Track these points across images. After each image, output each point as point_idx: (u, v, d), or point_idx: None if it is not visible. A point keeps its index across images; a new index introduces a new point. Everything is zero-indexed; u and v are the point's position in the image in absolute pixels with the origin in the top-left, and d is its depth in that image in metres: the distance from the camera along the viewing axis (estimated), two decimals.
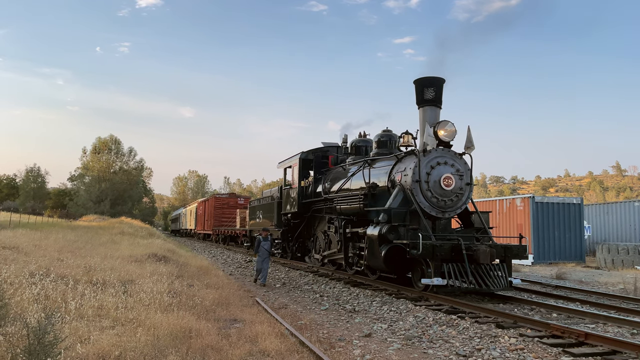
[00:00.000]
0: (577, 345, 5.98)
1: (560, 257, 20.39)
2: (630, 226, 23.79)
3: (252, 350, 5.51)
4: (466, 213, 10.95)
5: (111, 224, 32.03)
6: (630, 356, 5.48)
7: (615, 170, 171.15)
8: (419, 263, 9.52)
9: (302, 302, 9.59)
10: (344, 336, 6.64)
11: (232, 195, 38.89)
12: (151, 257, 12.74)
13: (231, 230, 29.86)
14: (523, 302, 9.13)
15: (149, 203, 78.44)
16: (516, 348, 5.83)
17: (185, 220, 51.16)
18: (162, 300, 7.18)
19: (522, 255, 9.77)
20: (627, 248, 18.55)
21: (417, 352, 5.91)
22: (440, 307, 8.42)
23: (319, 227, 15.03)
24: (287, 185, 17.02)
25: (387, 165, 11.55)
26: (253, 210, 22.36)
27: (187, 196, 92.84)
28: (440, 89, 10.60)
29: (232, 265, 17.76)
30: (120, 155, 64.26)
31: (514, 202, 21.57)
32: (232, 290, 9.84)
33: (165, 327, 5.75)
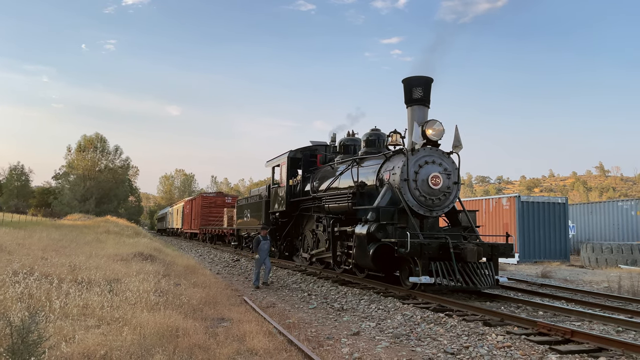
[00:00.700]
0: (563, 342, 6.03)
1: (546, 256, 20.60)
2: (614, 225, 24.13)
3: (240, 349, 5.47)
4: (453, 212, 11.00)
5: (96, 222, 31.67)
6: (616, 353, 5.54)
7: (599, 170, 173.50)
8: (407, 261, 9.54)
9: (290, 300, 9.56)
10: (332, 334, 6.63)
11: (220, 194, 38.71)
12: (137, 256, 12.61)
13: (218, 230, 29.71)
14: (510, 300, 9.20)
15: (135, 202, 77.73)
16: (503, 346, 5.86)
17: (172, 219, 50.79)
18: (149, 299, 7.10)
19: (508, 254, 9.85)
20: (610, 247, 18.80)
21: (405, 350, 5.91)
22: (428, 305, 8.44)
23: (307, 226, 15.01)
24: (275, 184, 16.97)
25: (375, 164, 11.57)
26: (241, 209, 22.26)
27: (173, 195, 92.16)
28: (429, 88, 10.64)
29: (220, 264, 17.67)
30: (106, 154, 63.57)
31: (500, 202, 21.75)
32: (220, 289, 9.78)
33: (152, 326, 5.68)
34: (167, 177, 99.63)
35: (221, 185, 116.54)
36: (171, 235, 50.77)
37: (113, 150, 64.26)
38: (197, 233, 35.95)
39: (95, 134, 63.23)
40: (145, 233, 31.22)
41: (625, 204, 24.15)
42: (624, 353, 5.49)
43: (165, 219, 57.54)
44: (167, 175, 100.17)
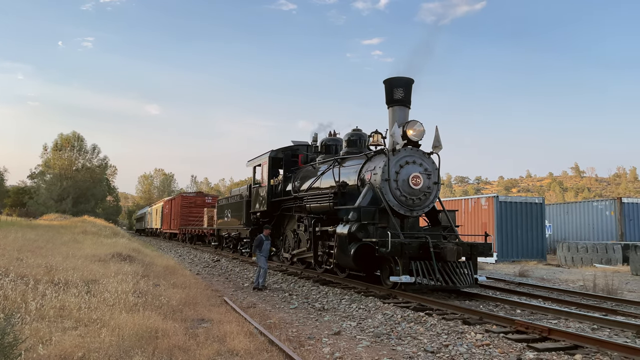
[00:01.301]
0: (540, 340, 6.13)
1: (523, 255, 20.92)
2: (589, 225, 24.63)
3: (221, 350, 5.43)
4: (433, 212, 11.10)
5: (73, 222, 31.13)
6: (592, 350, 5.65)
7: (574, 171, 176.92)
8: (388, 261, 9.60)
9: (271, 301, 9.53)
10: (313, 334, 6.63)
11: (200, 194, 38.39)
12: (115, 257, 12.43)
13: (198, 230, 29.46)
14: (488, 298, 9.32)
15: (113, 202, 76.60)
16: (482, 344, 5.94)
17: (151, 219, 50.21)
18: (127, 300, 7.00)
19: (487, 253, 9.98)
20: (586, 246, 19.18)
21: (385, 349, 5.95)
22: (408, 305, 8.50)
23: (288, 226, 14.98)
24: (256, 184, 16.90)
25: (356, 164, 11.60)
26: (221, 209, 22.11)
27: (152, 195, 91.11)
28: (409, 89, 10.72)
29: (200, 264, 17.53)
30: (83, 153, 62.52)
31: (479, 202, 22.02)
32: (200, 289, 9.70)
33: (131, 327, 5.61)
34: (146, 177, 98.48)
35: (201, 185, 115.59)
36: (150, 236, 50.19)
37: (90, 149, 63.28)
38: (176, 233, 35.60)
39: (73, 132, 62.19)
40: (123, 233, 30.78)
41: (600, 204, 24.67)
42: (599, 350, 5.61)
43: (144, 219, 56.86)
44: (146, 174, 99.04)
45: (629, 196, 47.98)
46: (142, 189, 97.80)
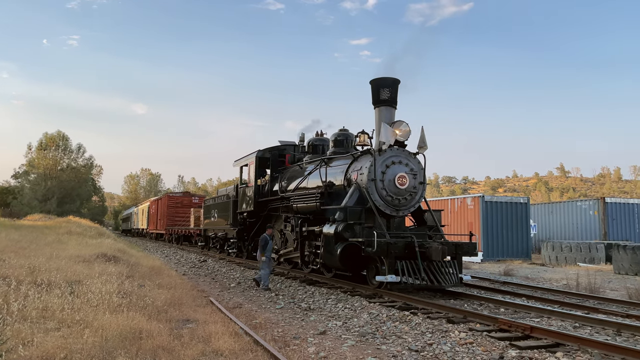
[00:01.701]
0: (523, 338, 6.20)
1: (508, 254, 21.12)
2: (573, 225, 24.94)
3: (205, 350, 5.42)
4: (419, 211, 11.17)
5: (58, 223, 30.76)
6: (572, 348, 5.74)
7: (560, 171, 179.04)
8: (374, 261, 9.64)
9: (257, 301, 9.52)
10: (299, 334, 6.64)
11: (187, 194, 38.19)
12: (100, 257, 12.32)
13: (185, 230, 29.31)
14: (473, 297, 9.40)
15: (99, 202, 75.89)
16: (466, 342, 5.99)
17: (137, 219, 49.82)
18: (111, 300, 6.95)
19: (472, 252, 10.06)
20: (570, 246, 19.42)
21: (370, 348, 5.98)
22: (393, 304, 8.55)
23: (275, 225, 14.96)
24: (243, 184, 16.86)
25: (343, 164, 11.64)
26: (208, 209, 22.02)
27: (139, 195, 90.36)
28: (396, 89, 10.77)
29: (186, 265, 17.44)
30: (68, 152, 61.74)
31: (465, 201, 22.19)
32: (185, 290, 9.66)
33: (114, 328, 5.58)
34: (133, 177, 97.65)
35: (188, 185, 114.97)
36: (136, 236, 49.81)
37: (76, 149, 62.53)
38: (163, 234, 35.37)
39: (57, 131, 61.41)
40: (109, 234, 30.48)
41: (584, 203, 24.99)
42: (580, 348, 5.69)
43: (130, 219, 56.41)
44: (133, 174, 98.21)
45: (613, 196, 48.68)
46: (128, 189, 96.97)
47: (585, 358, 5.34)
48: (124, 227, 63.82)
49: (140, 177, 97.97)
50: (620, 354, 5.31)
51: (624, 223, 23.82)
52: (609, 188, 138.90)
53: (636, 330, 6.61)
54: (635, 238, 23.40)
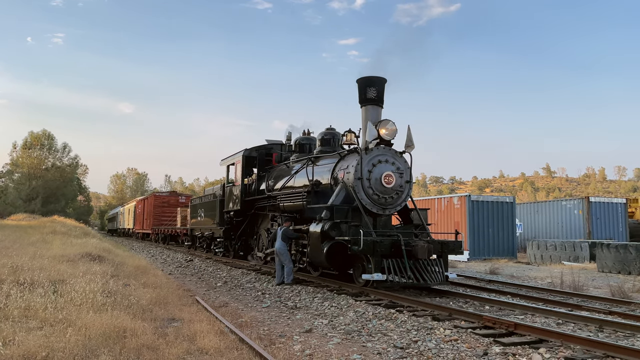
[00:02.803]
0: (507, 335, 6.26)
1: (494, 253, 21.29)
2: (558, 224, 25.22)
3: (190, 349, 5.39)
4: (406, 210, 11.22)
5: (42, 223, 30.37)
6: (555, 344, 5.80)
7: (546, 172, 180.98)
8: (360, 259, 9.66)
9: (244, 300, 9.49)
10: (284, 332, 6.64)
11: (173, 194, 37.97)
12: (85, 257, 12.20)
13: (171, 230, 29.14)
14: (458, 295, 9.47)
15: (84, 202, 75.11)
16: (451, 339, 6.03)
17: (123, 219, 49.41)
18: (95, 299, 6.88)
19: (457, 251, 10.12)
20: (555, 244, 19.63)
21: (356, 345, 5.99)
22: (379, 302, 8.58)
23: (262, 225, 14.95)
24: (229, 183, 16.80)
25: (330, 163, 11.65)
26: (194, 208, 21.91)
27: (125, 195, 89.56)
28: (382, 88, 10.80)
29: (172, 264, 17.33)
30: (54, 151, 61.06)
31: (451, 201, 22.33)
32: (171, 289, 9.60)
33: (98, 327, 5.52)
34: (119, 176, 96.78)
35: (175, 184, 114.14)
36: (122, 236, 49.42)
37: (61, 148, 61.88)
38: (149, 233, 35.13)
39: (42, 130, 60.69)
40: (94, 233, 30.20)
41: (569, 203, 25.28)
42: (563, 344, 5.76)
43: (116, 219, 55.92)
44: (119, 174, 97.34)
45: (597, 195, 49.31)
46: (114, 188, 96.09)
47: (568, 354, 5.40)
48: (110, 227, 63.26)
49: (127, 176, 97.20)
50: (602, 350, 5.38)
51: (607, 222, 24.14)
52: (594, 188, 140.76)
53: (618, 327, 6.71)
54: (619, 237, 23.73)
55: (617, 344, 5.52)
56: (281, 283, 11.02)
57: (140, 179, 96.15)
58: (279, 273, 11.26)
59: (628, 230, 24.37)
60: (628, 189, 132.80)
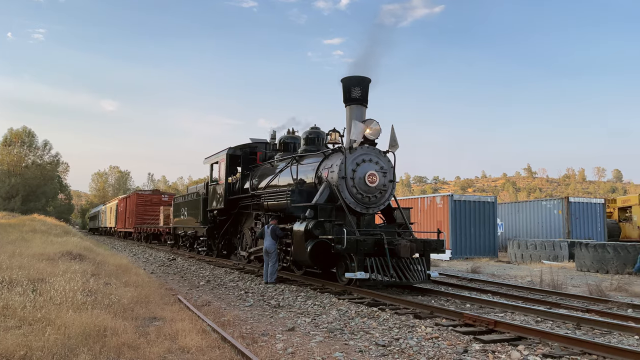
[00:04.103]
0: (487, 332, 6.34)
1: (476, 252, 21.53)
2: (538, 223, 25.58)
3: (172, 348, 5.36)
4: (389, 209, 11.29)
5: (22, 221, 29.83)
6: (534, 341, 5.89)
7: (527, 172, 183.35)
8: (344, 258, 9.70)
9: (227, 298, 9.46)
10: (267, 331, 6.64)
11: (156, 192, 37.66)
12: (65, 255, 12.04)
13: (154, 228, 28.89)
14: (440, 294, 9.56)
15: (65, 200, 74.05)
16: (432, 337, 6.10)
17: (105, 217, 48.84)
18: (75, 298, 6.81)
19: (440, 249, 10.22)
20: (535, 244, 19.91)
21: (338, 343, 6.02)
22: (362, 300, 8.62)
23: (245, 223, 14.91)
24: (213, 182, 16.72)
25: (314, 162, 11.67)
26: (177, 207, 21.76)
27: (107, 193, 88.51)
28: (367, 88, 10.85)
29: (155, 263, 17.18)
30: (34, 149, 60.15)
31: (434, 200, 22.51)
32: (153, 288, 9.52)
33: (78, 326, 5.47)
34: (101, 175, 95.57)
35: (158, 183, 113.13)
36: (104, 235, 48.88)
37: (42, 145, 61.00)
38: (131, 232, 34.79)
39: (23, 127, 59.73)
40: (75, 232, 29.80)
41: (549, 203, 25.66)
42: (541, 341, 5.86)
43: (98, 218, 55.26)
44: (101, 172, 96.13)
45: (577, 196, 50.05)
46: (96, 187, 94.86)
47: (546, 350, 5.50)
48: (91, 226, 62.50)
49: (109, 174, 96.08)
50: (579, 346, 5.49)
51: (586, 222, 24.56)
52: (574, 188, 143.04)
53: (595, 324, 6.84)
54: (597, 236, 24.16)
55: (594, 341, 5.63)
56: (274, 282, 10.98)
57: (122, 177, 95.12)
58: (266, 271, 11.23)
59: (606, 230, 24.82)
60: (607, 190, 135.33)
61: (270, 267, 11.08)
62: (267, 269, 11.14)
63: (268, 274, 11.08)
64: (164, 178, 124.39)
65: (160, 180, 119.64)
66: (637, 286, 11.51)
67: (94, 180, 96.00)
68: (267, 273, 11.10)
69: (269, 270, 11.08)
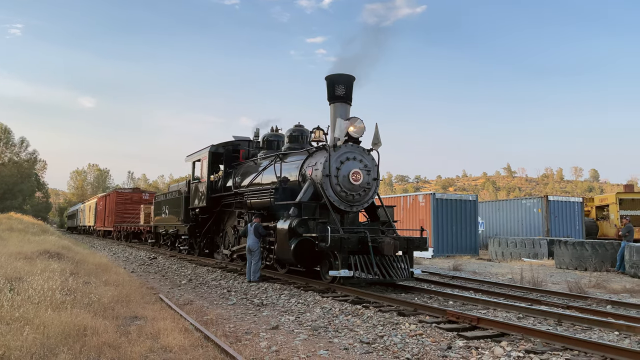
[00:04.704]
0: (470, 329, 6.39)
1: (457, 250, 21.69)
2: (518, 222, 25.91)
3: (154, 347, 5.28)
4: (373, 207, 11.31)
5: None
6: (517, 337, 5.95)
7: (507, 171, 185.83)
8: (327, 256, 9.68)
9: (209, 297, 9.37)
10: (251, 329, 6.58)
11: (136, 190, 37.20)
12: (43, 254, 11.82)
13: (134, 227, 28.52)
14: (423, 291, 9.60)
15: (43, 198, 72.76)
16: (416, 334, 6.11)
17: (84, 216, 48.07)
18: (54, 297, 6.67)
19: (423, 247, 10.27)
20: (515, 241, 20.15)
21: (322, 341, 5.99)
22: (346, 298, 8.62)
23: (228, 222, 14.79)
24: (195, 180, 16.56)
25: (298, 159, 11.62)
26: (158, 205, 21.50)
27: (86, 191, 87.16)
28: (351, 86, 10.84)
29: (135, 262, 16.96)
30: (10, 146, 58.91)
31: (416, 199, 22.64)
32: (134, 287, 9.39)
33: (57, 325, 5.35)
34: (79, 173, 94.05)
35: (139, 181, 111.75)
36: (83, 234, 48.13)
37: (18, 143, 59.77)
38: (111, 231, 34.31)
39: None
40: (53, 231, 29.32)
41: (529, 201, 26.00)
42: (524, 337, 5.91)
43: (77, 216, 54.37)
44: (79, 170, 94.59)
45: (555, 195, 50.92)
46: (74, 185, 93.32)
47: (529, 346, 5.55)
48: (69, 225, 61.49)
49: (88, 172, 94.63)
50: (560, 342, 5.56)
51: (565, 220, 24.94)
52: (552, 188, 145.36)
53: (575, 320, 6.94)
54: (575, 234, 24.56)
55: (575, 336, 5.71)
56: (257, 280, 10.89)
57: (101, 175, 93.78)
58: (249, 270, 11.13)
59: (584, 228, 25.25)
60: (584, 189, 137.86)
61: (253, 265, 11.01)
62: (250, 268, 11.06)
63: (251, 273, 11.00)
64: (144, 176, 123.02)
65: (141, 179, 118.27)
66: (615, 283, 11.74)
67: (72, 178, 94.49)
68: (250, 271, 11.02)
69: (252, 268, 11.01)
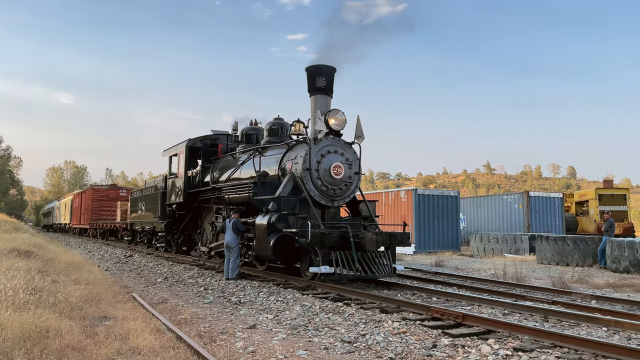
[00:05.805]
0: (455, 326, 6.16)
1: (439, 246, 21.60)
2: (499, 217, 25.97)
3: (122, 349, 4.95)
4: (354, 202, 11.06)
5: None
6: (504, 334, 5.74)
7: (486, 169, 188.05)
8: (308, 252, 9.39)
9: (185, 296, 9.01)
10: (227, 329, 6.27)
11: (113, 187, 36.45)
12: (12, 252, 11.29)
13: (111, 224, 27.86)
14: (406, 287, 9.39)
15: (17, 195, 71.04)
16: (399, 332, 5.86)
17: (59, 214, 47.00)
18: (17, 297, 6.25)
19: (405, 242, 10.04)
20: (496, 237, 20.14)
21: (302, 341, 5.71)
22: (327, 295, 8.35)
23: (206, 218, 14.41)
24: (172, 175, 16.12)
25: (278, 153, 11.31)
26: (135, 201, 20.96)
27: (62, 189, 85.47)
28: (332, 77, 10.56)
29: (110, 260, 16.45)
30: None
31: (398, 194, 22.49)
32: (106, 286, 8.99)
33: (17, 327, 4.97)
34: (55, 170, 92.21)
35: (117, 178, 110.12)
36: (59, 232, 47.08)
37: None
38: (87, 228, 33.54)
39: None
40: (27, 229, 28.45)
41: (510, 197, 26.08)
42: (511, 334, 5.71)
43: (52, 214, 53.19)
44: (55, 167, 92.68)
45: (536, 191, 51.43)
46: (50, 182, 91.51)
47: (517, 344, 5.34)
48: (45, 223, 60.18)
49: (64, 170, 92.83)
50: (549, 339, 5.36)
51: (545, 215, 25.06)
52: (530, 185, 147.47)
53: (562, 316, 6.78)
54: (556, 230, 24.70)
55: (565, 333, 5.52)
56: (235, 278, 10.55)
57: (78, 172, 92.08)
58: (227, 267, 10.78)
59: (564, 224, 25.42)
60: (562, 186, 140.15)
61: (232, 262, 10.66)
62: (228, 265, 10.71)
63: (229, 270, 10.65)
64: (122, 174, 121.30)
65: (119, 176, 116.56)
66: (598, 278, 11.70)
67: (48, 175, 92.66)
68: (228, 269, 10.67)
69: (230, 265, 10.66)
